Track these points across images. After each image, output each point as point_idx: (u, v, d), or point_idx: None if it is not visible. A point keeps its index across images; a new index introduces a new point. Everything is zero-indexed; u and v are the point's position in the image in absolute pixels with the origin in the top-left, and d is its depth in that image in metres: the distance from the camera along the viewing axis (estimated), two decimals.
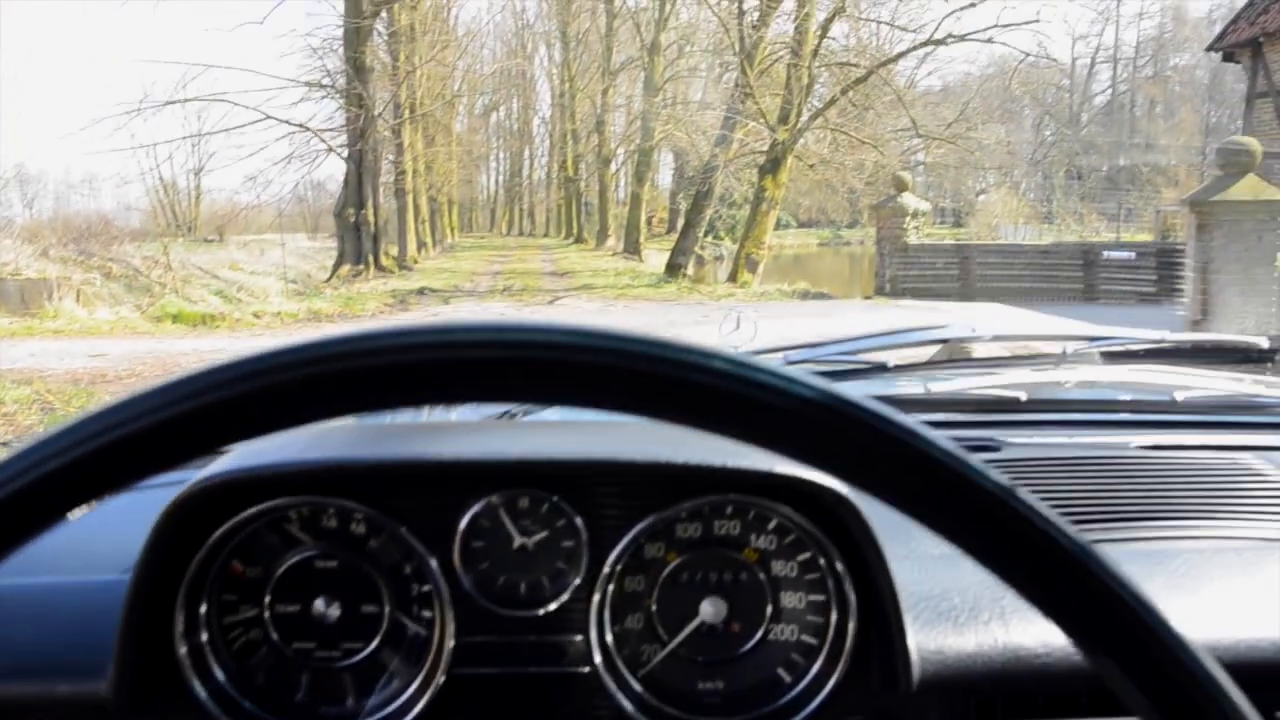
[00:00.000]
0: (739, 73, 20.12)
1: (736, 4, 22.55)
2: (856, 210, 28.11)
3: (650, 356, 0.40)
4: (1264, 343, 1.39)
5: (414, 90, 26.75)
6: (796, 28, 19.77)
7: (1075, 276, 15.56)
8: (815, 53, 19.64)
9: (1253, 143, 9.43)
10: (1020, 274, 15.73)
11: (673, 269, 21.14)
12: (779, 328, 11.03)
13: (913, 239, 15.97)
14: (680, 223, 26.31)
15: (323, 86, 23.64)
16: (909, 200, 15.98)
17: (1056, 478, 1.06)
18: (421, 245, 30.53)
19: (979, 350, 1.57)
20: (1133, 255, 16.19)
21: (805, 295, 16.78)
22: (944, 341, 1.45)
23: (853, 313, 13.86)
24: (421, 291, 18.09)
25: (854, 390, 1.18)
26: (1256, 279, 9.25)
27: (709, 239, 31.07)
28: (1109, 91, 53.30)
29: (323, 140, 23.20)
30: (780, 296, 16.71)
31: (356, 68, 20.82)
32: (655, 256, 27.12)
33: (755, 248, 19.80)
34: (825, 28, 20.06)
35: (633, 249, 28.62)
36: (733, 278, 19.99)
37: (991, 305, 14.60)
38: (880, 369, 1.34)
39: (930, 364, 1.42)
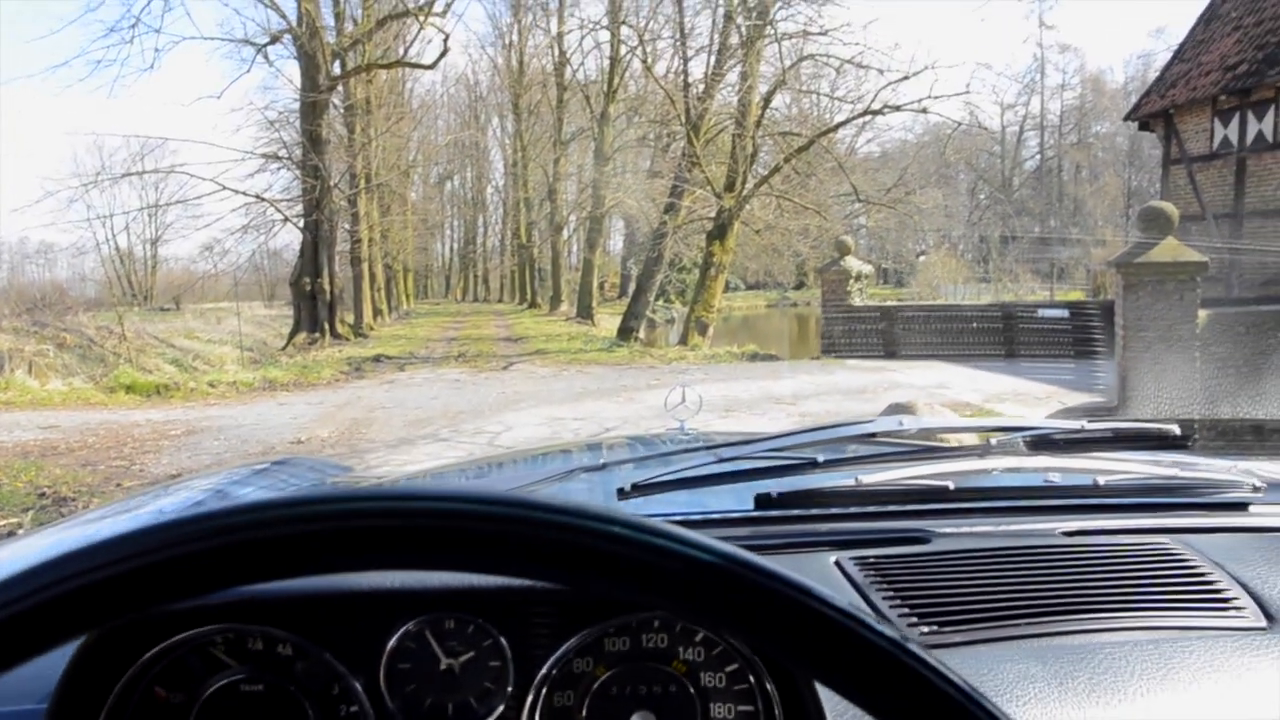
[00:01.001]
0: (686, 142, 20.75)
1: (682, 77, 23.35)
2: (802, 272, 28.79)
3: (553, 524, 0.41)
4: (1176, 429, 1.43)
5: (370, 161, 27.09)
6: (740, 99, 20.52)
7: (1013, 335, 16.10)
8: (758, 123, 20.36)
9: (1169, 207, 9.93)
10: (962, 333, 16.27)
11: (625, 333, 21.47)
12: (731, 390, 11.29)
13: (857, 300, 16.49)
14: (632, 287, 26.75)
15: (279, 158, 23.98)
16: (852, 263, 16.53)
17: (984, 571, 1.07)
18: (377, 312, 30.65)
19: (907, 442, 1.61)
20: (1066, 314, 16.78)
21: (755, 357, 17.16)
22: (872, 435, 1.47)
23: (802, 374, 14.25)
24: (377, 359, 18.22)
25: (786, 485, 1.37)
26: (1180, 335, 9.66)
27: (660, 303, 31.56)
28: (1038, 157, 55.19)
29: (279, 210, 23.48)
30: (730, 359, 17.08)
31: (312, 140, 21.15)
32: (608, 321, 27.39)
33: (705, 311, 20.27)
34: (767, 99, 20.82)
35: (586, 314, 28.96)
36: (684, 341, 20.38)
37: (934, 364, 15.12)
38: (811, 464, 1.34)
39: (859, 458, 1.44)
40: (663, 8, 24.48)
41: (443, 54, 21.31)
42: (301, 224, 22.19)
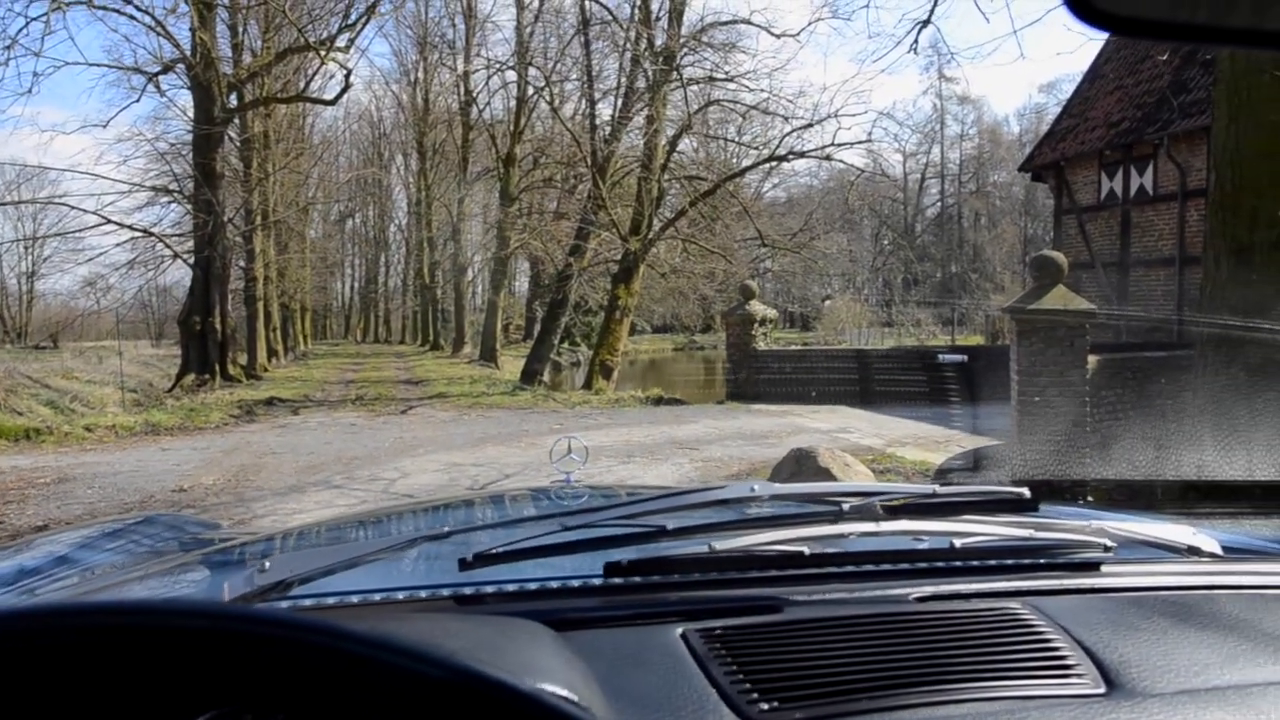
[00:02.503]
0: (592, 184, 20.73)
1: (589, 119, 23.37)
2: (709, 316, 28.92)
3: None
4: (1027, 493, 1.44)
5: (267, 197, 26.42)
6: (646, 143, 20.59)
7: (915, 380, 16.33)
8: (664, 166, 20.45)
9: (1060, 256, 10.18)
10: (865, 377, 16.45)
11: (529, 376, 21.23)
12: (634, 435, 11.09)
13: (761, 345, 16.55)
14: (537, 330, 26.53)
15: (170, 192, 23.14)
16: (756, 307, 16.60)
17: (835, 640, 1.07)
18: (272, 353, 29.74)
19: (761, 508, 1.58)
20: (965, 359, 17.10)
21: (659, 401, 17.06)
22: (725, 501, 1.45)
23: (705, 418, 14.19)
24: (270, 402, 17.56)
25: (637, 553, 1.24)
26: (1071, 380, 9.87)
27: (566, 346, 31.36)
28: (939, 204, 57.06)
29: (168, 246, 22.59)
30: (634, 403, 16.94)
31: (206, 174, 20.47)
32: (512, 363, 27.13)
33: (610, 355, 20.14)
34: (673, 143, 20.95)
35: (489, 356, 28.61)
36: (588, 384, 20.21)
37: (838, 408, 15.22)
38: (663, 531, 1.32)
39: (712, 525, 1.41)
40: (571, 49, 24.56)
41: (344, 90, 20.88)
42: (192, 260, 21.39)
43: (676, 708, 0.93)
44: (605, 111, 23.65)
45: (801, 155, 19.91)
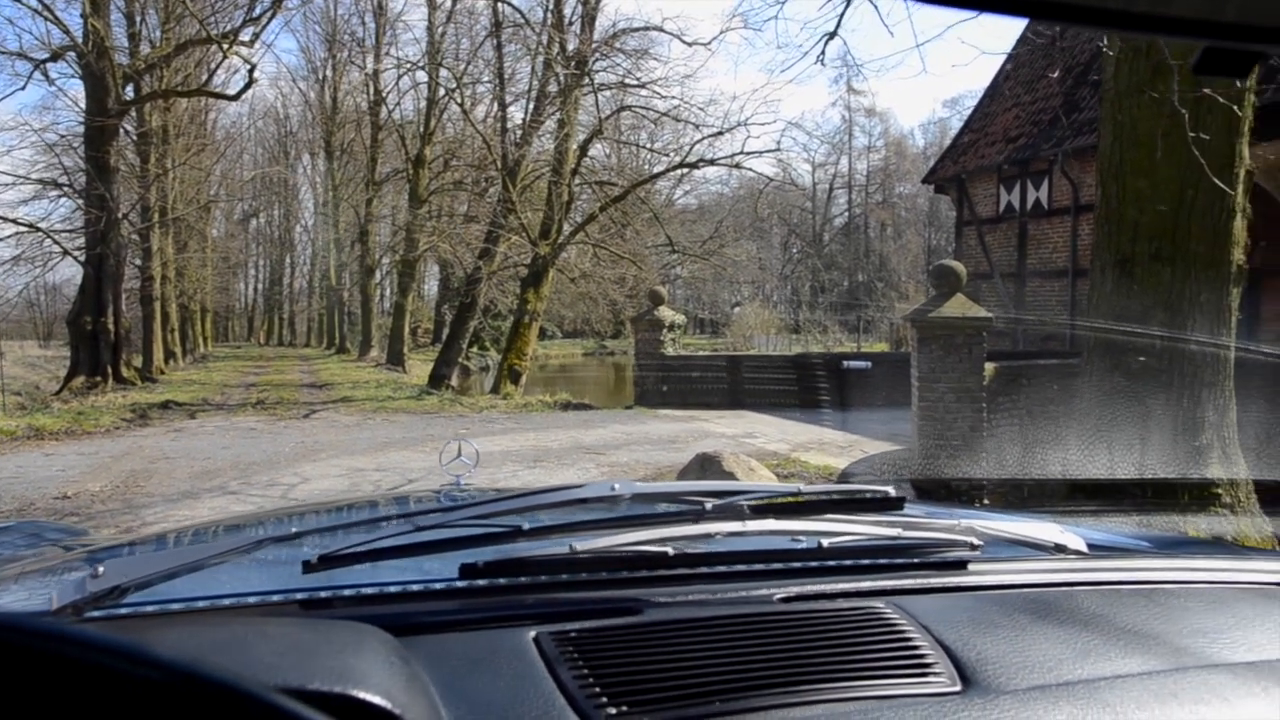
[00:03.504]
0: (502, 188, 20.58)
1: (500, 122, 23.21)
2: (619, 321, 28.99)
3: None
4: (893, 491, 1.46)
5: (165, 193, 25.55)
6: (557, 147, 20.53)
7: (821, 386, 16.56)
8: (575, 171, 20.42)
9: (959, 266, 10.43)
10: (772, 383, 16.63)
11: (437, 380, 20.96)
12: (541, 440, 11.02)
13: (670, 350, 16.61)
14: (445, 333, 26.23)
15: (59, 185, 22.17)
16: (665, 313, 16.66)
17: (694, 642, 1.05)
18: (170, 356, 28.76)
19: (624, 508, 1.54)
20: (869, 365, 17.44)
21: (568, 406, 16.99)
22: (584, 500, 1.42)
23: (614, 423, 14.18)
24: (165, 405, 16.97)
25: (494, 554, 1.22)
26: (969, 386, 10.10)
27: (475, 350, 31.07)
28: (846, 214, 58.21)
29: (57, 243, 21.65)
30: (542, 408, 16.85)
31: (99, 168, 19.67)
32: (420, 367, 26.77)
33: (518, 359, 20.00)
34: (584, 148, 20.92)
35: (396, 360, 28.16)
36: (496, 389, 20.04)
37: (745, 413, 15.36)
38: (522, 531, 1.31)
39: (575, 524, 1.39)
40: (483, 51, 24.38)
41: (248, 85, 20.34)
42: (84, 258, 20.53)
43: (519, 713, 0.91)
44: (517, 115, 23.58)
45: (711, 163, 20.09)
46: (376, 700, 0.78)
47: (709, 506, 1.36)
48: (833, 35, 9.63)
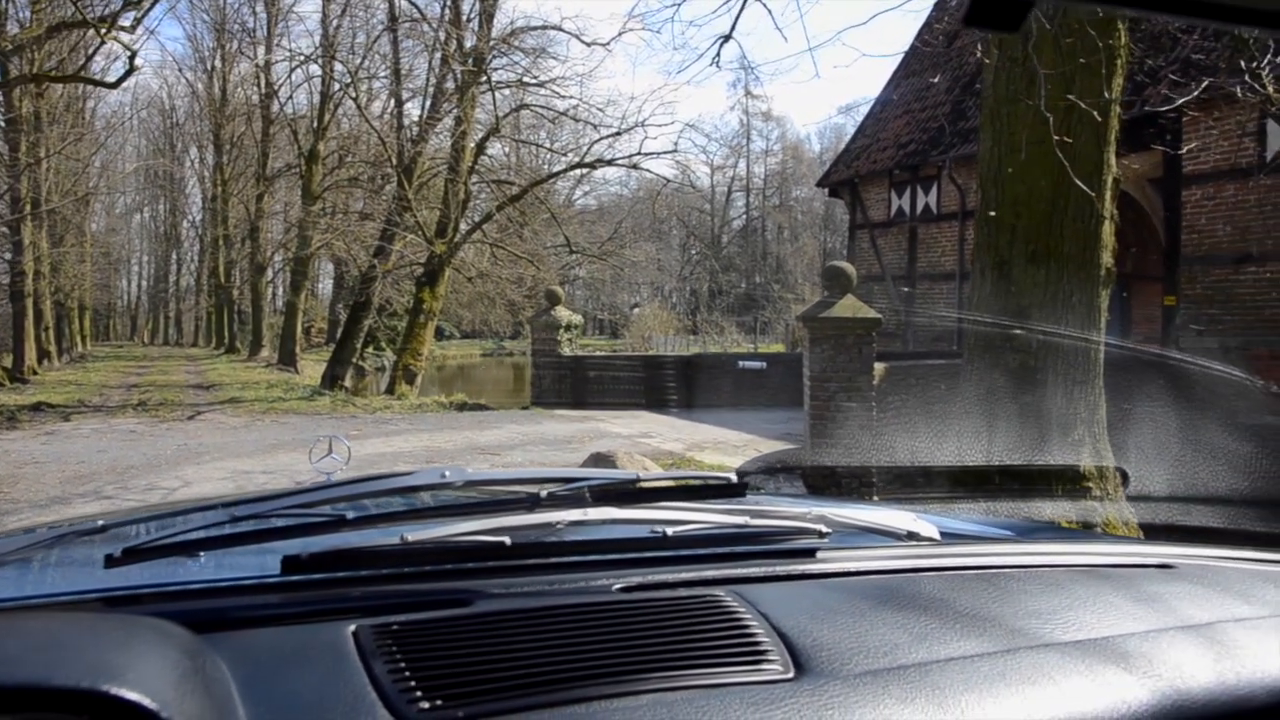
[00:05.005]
0: (398, 185, 20.25)
1: (396, 119, 22.84)
2: (518, 322, 28.83)
3: None
4: (734, 478, 1.45)
5: (39, 184, 24.37)
6: (454, 145, 20.29)
7: (718, 385, 16.72)
8: (472, 169, 20.21)
9: (849, 267, 10.64)
10: (669, 383, 16.72)
11: (330, 381, 20.50)
12: (435, 441, 10.85)
13: (566, 350, 16.56)
14: (340, 333, 25.67)
15: None
16: (562, 313, 16.61)
17: (527, 633, 1.04)
18: (44, 355, 27.43)
19: (459, 496, 1.50)
20: (764, 365, 17.69)
21: (463, 407, 16.80)
22: (415, 488, 1.39)
23: (509, 424, 14.08)
24: (37, 407, 16.18)
25: (319, 545, 1.19)
26: (859, 386, 10.32)
27: (370, 350, 30.47)
28: (744, 217, 58.99)
29: None
30: (438, 408, 16.62)
31: None
32: (313, 368, 26.14)
33: (413, 359, 19.69)
34: (481, 146, 20.73)
35: (288, 360, 27.44)
36: (390, 390, 19.70)
37: (641, 413, 15.42)
38: (351, 521, 1.25)
39: (406, 513, 1.35)
40: (379, 46, 23.95)
41: (128, 73, 19.44)
42: None
43: (325, 709, 0.88)
44: (414, 111, 23.24)
45: (609, 163, 20.12)
46: (133, 697, 0.74)
47: (543, 494, 1.33)
48: (727, 38, 9.70)
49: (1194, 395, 9.02)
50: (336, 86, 24.41)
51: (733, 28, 11.20)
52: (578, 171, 24.10)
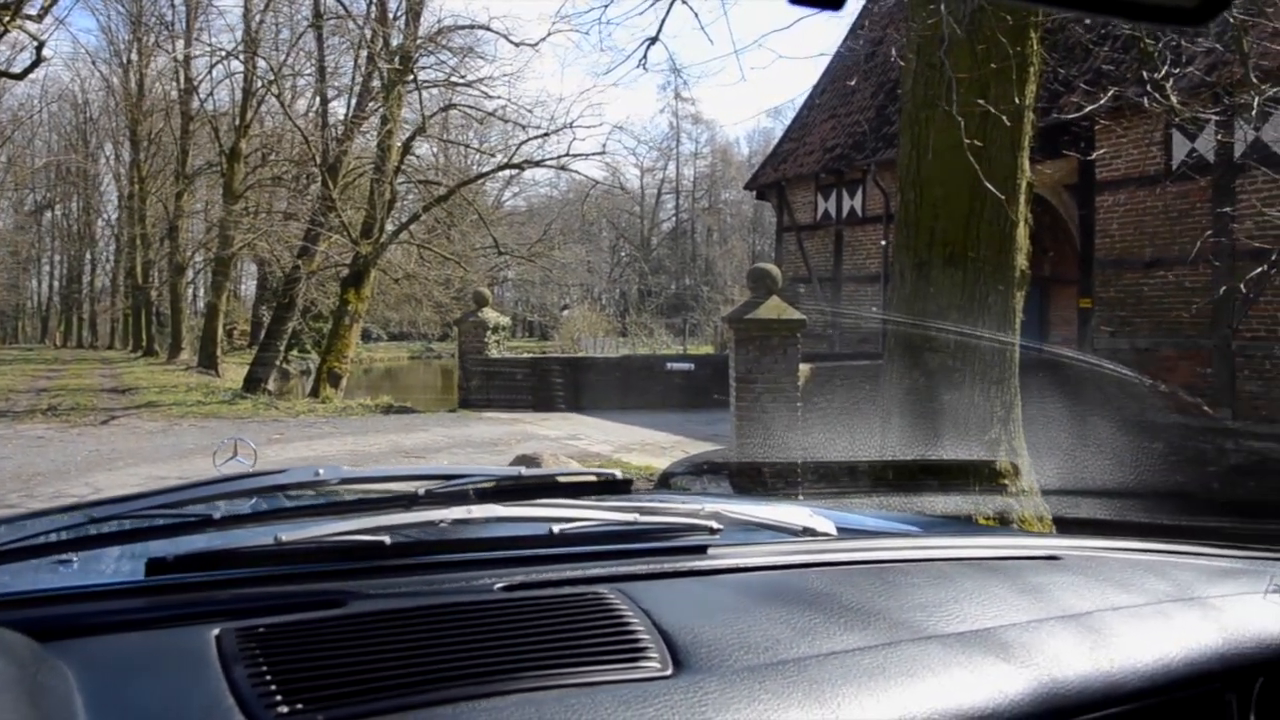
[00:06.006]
0: (322, 185, 19.90)
1: (321, 117, 22.46)
2: (447, 324, 28.62)
3: None
4: (619, 474, 1.43)
5: None
6: (380, 144, 20.01)
7: (646, 387, 16.73)
8: (398, 169, 19.95)
9: (774, 269, 10.73)
10: (597, 385, 16.69)
11: (252, 384, 20.05)
12: (359, 444, 10.68)
13: (494, 352, 16.45)
14: (263, 335, 25.14)
15: None
16: (489, 315, 16.49)
17: (401, 634, 1.01)
18: None
19: (335, 494, 1.46)
20: (692, 366, 17.77)
21: (390, 409, 16.58)
22: (287, 487, 1.34)
23: (436, 427, 13.94)
24: None
25: (186, 547, 1.16)
26: (784, 387, 10.41)
27: (295, 353, 29.92)
28: (674, 219, 59.22)
29: None
30: (363, 411, 16.37)
31: None
32: (235, 371, 25.54)
33: (338, 361, 19.35)
34: (408, 146, 20.48)
35: (209, 363, 26.77)
36: (315, 393, 19.34)
37: (570, 415, 15.38)
38: (209, 522, 1.21)
39: (280, 512, 1.32)
40: (304, 42, 23.49)
41: (35, 64, 18.82)
42: None
43: (176, 716, 0.85)
44: (340, 110, 22.84)
45: (537, 164, 20.03)
46: None
47: (421, 492, 1.30)
48: (654, 40, 9.74)
49: (1090, 394, 9.31)
50: (259, 83, 23.89)
51: (659, 30, 11.27)
52: (507, 173, 23.96)
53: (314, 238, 20.21)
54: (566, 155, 19.53)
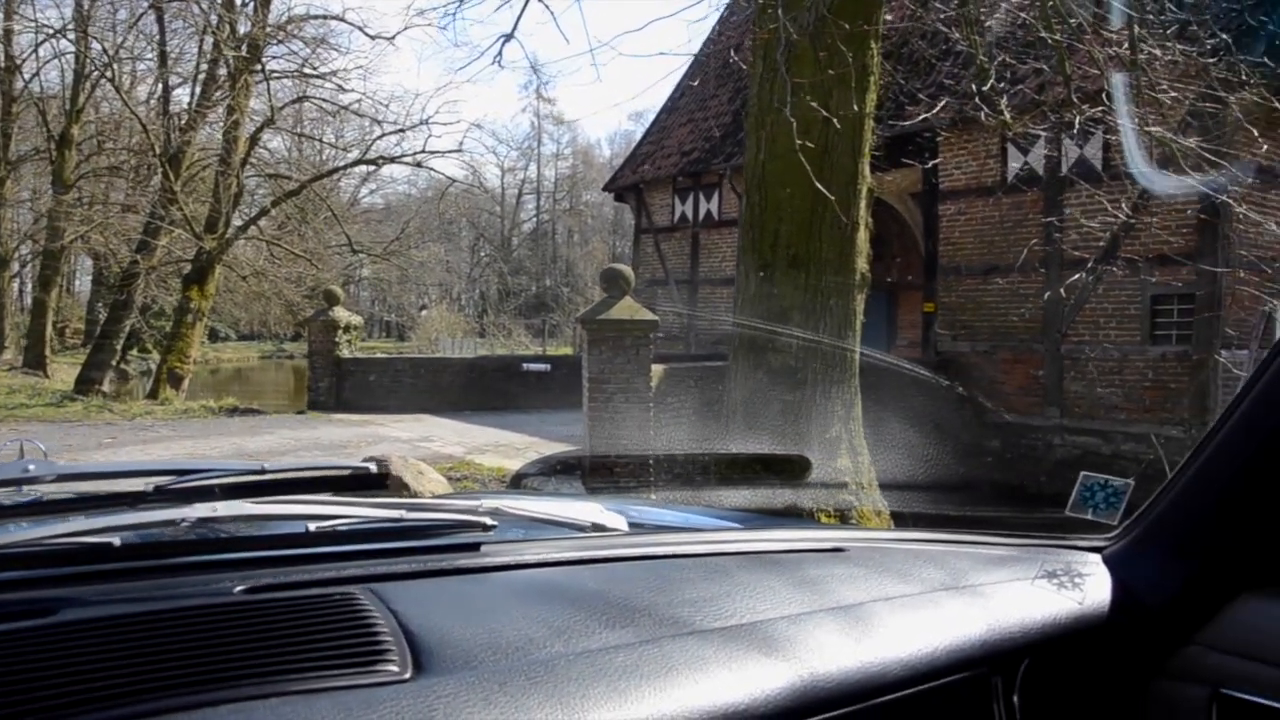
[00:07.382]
0: (163, 176, 18.96)
1: (162, 104, 21.40)
2: (299, 323, 27.72)
3: None
4: (374, 468, 1.36)
5: None
6: (225, 135, 19.22)
7: (503, 388, 16.56)
8: (245, 162, 19.20)
9: (626, 270, 10.76)
10: (453, 386, 16.43)
11: (85, 385, 18.95)
12: (199, 448, 10.21)
13: (345, 352, 15.98)
14: (98, 334, 23.77)
15: None
16: (341, 314, 16.01)
17: (114, 643, 0.93)
18: None
19: (51, 491, 1.35)
20: (548, 367, 17.69)
21: (234, 411, 15.89)
22: None
23: (283, 429, 13.45)
24: None
25: None
26: (636, 387, 10.45)
27: (135, 352, 28.43)
28: (535, 219, 59.03)
29: None
30: (205, 413, 15.64)
31: None
32: (67, 371, 24.08)
33: (180, 362, 18.48)
34: (255, 137, 19.73)
35: (37, 363, 25.12)
36: (154, 394, 18.40)
37: (423, 417, 15.07)
38: None
39: None
40: (144, 25, 22.31)
41: None
42: None
43: None
44: (184, 98, 21.83)
45: (392, 160, 19.63)
46: None
47: (151, 489, 1.21)
48: (509, 37, 9.61)
49: (899, 396, 9.71)
50: (93, 66, 22.57)
51: (514, 27, 11.21)
52: (364, 169, 23.42)
53: (154, 231, 19.23)
54: (423, 152, 19.25)
